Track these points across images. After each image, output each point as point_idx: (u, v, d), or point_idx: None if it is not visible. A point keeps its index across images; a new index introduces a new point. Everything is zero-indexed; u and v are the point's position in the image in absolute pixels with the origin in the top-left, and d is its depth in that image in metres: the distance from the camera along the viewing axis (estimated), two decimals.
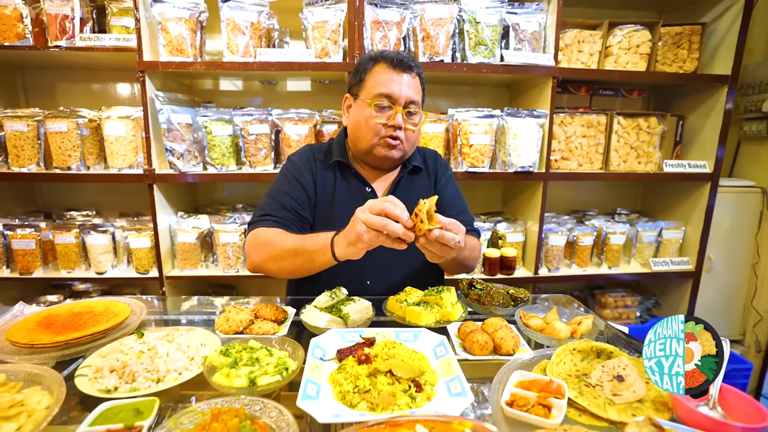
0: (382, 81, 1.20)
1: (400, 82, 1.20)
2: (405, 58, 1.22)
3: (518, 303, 1.12)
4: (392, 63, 1.21)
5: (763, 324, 2.39)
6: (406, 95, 1.20)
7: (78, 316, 0.98)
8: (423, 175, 1.41)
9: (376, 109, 1.21)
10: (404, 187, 1.35)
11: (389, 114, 1.21)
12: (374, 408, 0.68)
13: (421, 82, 1.28)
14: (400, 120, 1.20)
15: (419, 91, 1.25)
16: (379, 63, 1.22)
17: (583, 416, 0.70)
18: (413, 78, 1.23)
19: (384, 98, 1.20)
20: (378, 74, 1.22)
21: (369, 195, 1.30)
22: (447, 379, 0.76)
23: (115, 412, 0.67)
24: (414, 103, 1.23)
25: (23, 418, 0.64)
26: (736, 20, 2.04)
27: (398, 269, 1.30)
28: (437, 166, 1.46)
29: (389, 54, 1.23)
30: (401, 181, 1.35)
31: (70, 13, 1.81)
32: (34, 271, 2.01)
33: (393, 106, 1.21)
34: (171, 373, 0.78)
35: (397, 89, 1.19)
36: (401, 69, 1.21)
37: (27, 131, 1.89)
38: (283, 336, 0.93)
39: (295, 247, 1.07)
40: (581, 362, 0.84)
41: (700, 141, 2.27)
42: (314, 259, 1.04)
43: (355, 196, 1.29)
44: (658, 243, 2.32)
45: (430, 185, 1.42)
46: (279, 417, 0.67)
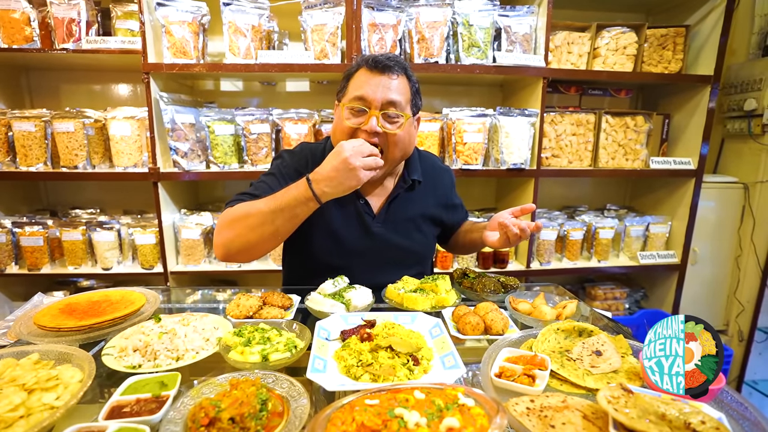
0: (359, 84, 1.15)
1: (376, 84, 1.12)
2: (386, 58, 1.15)
3: (508, 290, 1.20)
4: (370, 65, 1.15)
5: (745, 314, 2.49)
6: (382, 97, 1.12)
7: (97, 304, 1.05)
8: (423, 190, 1.35)
9: (350, 113, 1.15)
10: (400, 204, 1.31)
11: (364, 118, 1.13)
12: (376, 379, 0.75)
13: (410, 84, 1.20)
14: (373, 123, 1.11)
15: (401, 93, 1.16)
16: (361, 67, 1.17)
17: (564, 385, 0.78)
18: (393, 79, 1.14)
19: (358, 101, 1.13)
20: (357, 78, 1.16)
21: (363, 208, 1.27)
22: (441, 355, 0.84)
23: (141, 384, 0.74)
24: (394, 105, 1.13)
25: (60, 389, 0.71)
26: (718, 23, 2.13)
27: (388, 276, 1.25)
28: (443, 180, 1.42)
29: (371, 57, 1.16)
30: (397, 198, 1.30)
31: (76, 16, 1.87)
32: (42, 267, 2.06)
33: (368, 110, 1.13)
34: (189, 351, 0.85)
35: (371, 91, 1.12)
36: (379, 70, 1.14)
37: (35, 131, 1.94)
38: (290, 320, 1.00)
39: (270, 209, 1.05)
40: (564, 340, 0.92)
41: (686, 139, 2.36)
42: (296, 213, 1.04)
43: (352, 212, 1.27)
44: (645, 237, 2.41)
45: (434, 203, 1.37)
46: (290, 387, 0.74)
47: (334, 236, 1.27)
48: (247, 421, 0.62)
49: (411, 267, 1.36)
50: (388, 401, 0.64)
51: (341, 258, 1.28)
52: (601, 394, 0.66)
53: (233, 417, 0.62)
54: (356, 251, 1.28)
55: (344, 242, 1.27)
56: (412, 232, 1.33)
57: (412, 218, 1.33)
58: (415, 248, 1.35)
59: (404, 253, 1.33)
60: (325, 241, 1.27)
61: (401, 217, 1.31)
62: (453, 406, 0.62)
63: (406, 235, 1.32)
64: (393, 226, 1.30)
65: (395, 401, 0.64)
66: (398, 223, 1.31)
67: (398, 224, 1.31)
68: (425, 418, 0.59)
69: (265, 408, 0.65)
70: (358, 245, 1.28)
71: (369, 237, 1.28)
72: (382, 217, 1.29)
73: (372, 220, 1.28)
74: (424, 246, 1.39)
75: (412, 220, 1.33)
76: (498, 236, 1.20)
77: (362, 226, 1.28)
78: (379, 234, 1.28)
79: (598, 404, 0.66)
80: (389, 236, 1.29)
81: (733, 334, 2.55)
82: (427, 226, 1.37)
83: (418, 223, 1.34)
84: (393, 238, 1.29)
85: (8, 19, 1.86)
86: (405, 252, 1.33)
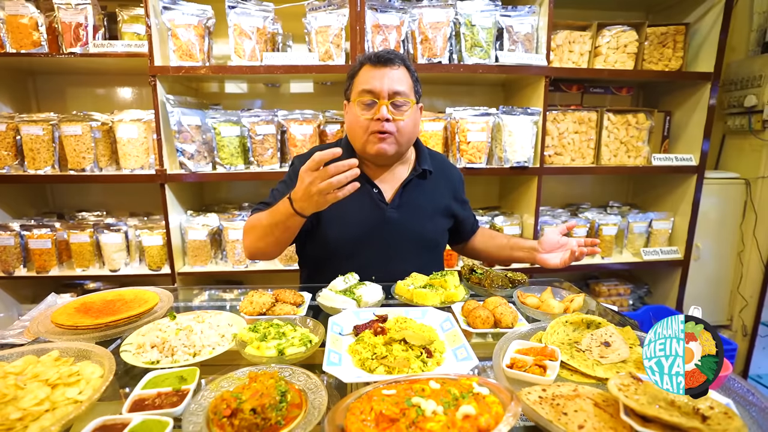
0: (364, 79, 1.25)
1: (381, 76, 1.23)
2: (385, 53, 1.26)
3: (516, 285, 1.22)
4: (372, 61, 1.26)
5: (748, 309, 2.51)
6: (388, 87, 1.23)
7: (111, 303, 1.07)
8: (433, 181, 1.43)
9: (361, 107, 1.26)
10: (413, 190, 1.38)
11: (375, 109, 1.24)
12: (391, 371, 0.77)
13: (410, 73, 1.30)
14: (384, 112, 1.22)
15: (404, 82, 1.26)
16: (364, 65, 1.28)
17: (574, 375, 0.80)
18: (395, 70, 1.25)
19: (367, 94, 1.24)
20: (362, 74, 1.27)
21: (376, 196, 1.34)
22: (454, 348, 0.86)
23: (161, 379, 0.76)
24: (399, 94, 1.24)
25: (83, 384, 0.73)
26: (717, 20, 2.15)
27: (401, 263, 1.32)
28: (453, 176, 1.50)
29: (372, 53, 1.28)
30: (409, 184, 1.38)
31: (83, 21, 1.90)
32: (50, 269, 2.08)
33: (377, 101, 1.24)
34: (206, 347, 0.87)
35: (378, 84, 1.23)
36: (381, 64, 1.24)
37: (42, 135, 1.96)
38: (303, 316, 1.02)
39: (269, 223, 1.19)
40: (573, 332, 0.94)
41: (687, 135, 2.38)
42: (288, 225, 1.16)
43: (366, 200, 1.33)
44: (648, 233, 2.43)
45: (446, 194, 1.44)
46: (307, 380, 0.76)
47: (348, 224, 1.33)
48: (267, 412, 0.64)
49: (424, 257, 1.40)
50: (404, 391, 0.66)
51: (356, 245, 1.33)
52: (611, 382, 0.68)
53: (254, 408, 0.64)
54: (371, 238, 1.33)
55: (359, 230, 1.33)
56: (425, 220, 1.39)
57: (424, 206, 1.39)
58: (428, 236, 1.40)
59: (418, 241, 1.38)
60: (340, 230, 1.33)
61: (414, 203, 1.38)
62: (468, 394, 0.64)
63: (419, 222, 1.37)
64: (407, 213, 1.36)
65: (412, 391, 0.66)
66: (412, 209, 1.36)
67: (412, 211, 1.36)
68: (442, 406, 0.61)
69: (284, 399, 0.67)
70: (373, 233, 1.33)
71: (384, 224, 1.34)
72: (396, 203, 1.36)
73: (387, 207, 1.35)
74: (437, 235, 1.44)
75: (425, 207, 1.39)
76: (560, 259, 1.28)
77: (377, 213, 1.34)
78: (393, 220, 1.34)
79: (608, 393, 0.68)
80: (403, 223, 1.35)
81: (737, 329, 2.56)
82: (439, 216, 1.43)
83: (431, 212, 1.40)
84: (407, 224, 1.35)
85: (16, 24, 1.88)
86: (418, 240, 1.38)
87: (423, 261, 1.36)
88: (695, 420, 0.60)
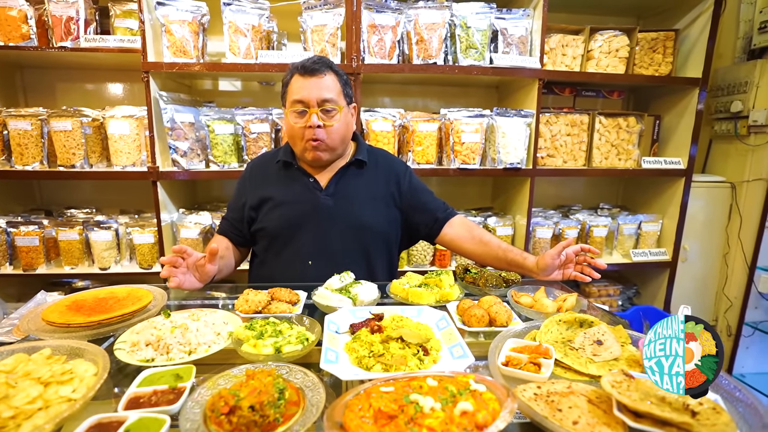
0: (295, 89, 1.33)
1: (309, 86, 1.31)
2: (312, 63, 1.33)
3: (510, 284, 1.23)
4: (301, 71, 1.33)
5: (733, 310, 2.57)
6: (317, 96, 1.30)
7: (104, 301, 1.05)
8: (371, 172, 1.48)
9: (294, 115, 1.34)
10: (349, 179, 1.45)
11: (306, 117, 1.32)
12: (388, 369, 0.77)
13: (339, 78, 1.37)
14: (315, 120, 1.30)
15: (333, 89, 1.34)
16: (294, 74, 1.35)
17: (568, 373, 0.81)
18: (322, 78, 1.32)
19: (298, 104, 1.32)
20: (293, 84, 1.35)
21: (312, 185, 1.43)
22: (449, 345, 0.86)
23: (157, 377, 0.75)
24: (328, 101, 1.32)
25: (76, 383, 0.72)
26: (705, 27, 2.20)
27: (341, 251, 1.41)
28: (394, 165, 1.53)
29: (300, 63, 1.34)
30: (343, 173, 1.44)
31: (74, 14, 1.86)
32: (37, 267, 2.04)
33: (308, 110, 1.31)
34: (202, 345, 0.86)
35: (306, 93, 1.30)
36: (309, 74, 1.32)
37: (31, 130, 1.93)
38: (300, 314, 1.02)
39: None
40: (566, 331, 0.96)
41: (675, 139, 2.43)
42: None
43: (300, 188, 1.43)
44: (637, 235, 2.47)
45: (386, 184, 1.48)
46: (304, 378, 0.76)
47: (285, 211, 1.42)
48: (266, 409, 0.64)
49: (371, 247, 1.44)
50: (402, 388, 0.67)
51: (293, 231, 1.41)
52: (604, 379, 0.70)
53: (253, 405, 0.63)
54: (307, 224, 1.41)
55: (294, 214, 1.41)
56: (362, 207, 1.44)
57: (360, 193, 1.45)
58: (367, 222, 1.43)
59: (356, 227, 1.42)
60: (278, 216, 1.42)
61: (350, 191, 1.44)
62: (465, 391, 0.65)
63: (355, 209, 1.43)
64: (342, 200, 1.42)
65: (410, 388, 0.66)
66: (347, 197, 1.43)
67: (347, 198, 1.43)
68: (440, 403, 0.62)
69: (282, 397, 0.67)
70: (308, 218, 1.41)
71: (318, 209, 1.41)
72: (330, 190, 1.43)
73: (320, 193, 1.42)
74: (379, 223, 1.46)
75: (360, 194, 1.45)
76: (561, 276, 1.31)
77: (310, 199, 1.42)
78: (327, 206, 1.41)
79: (601, 389, 0.69)
80: (337, 210, 1.42)
81: (722, 329, 2.62)
82: (380, 204, 1.46)
83: (368, 199, 1.45)
84: (341, 211, 1.42)
85: (5, 16, 1.84)
86: (356, 226, 1.42)
87: (372, 252, 1.43)
88: (685, 415, 0.62)
